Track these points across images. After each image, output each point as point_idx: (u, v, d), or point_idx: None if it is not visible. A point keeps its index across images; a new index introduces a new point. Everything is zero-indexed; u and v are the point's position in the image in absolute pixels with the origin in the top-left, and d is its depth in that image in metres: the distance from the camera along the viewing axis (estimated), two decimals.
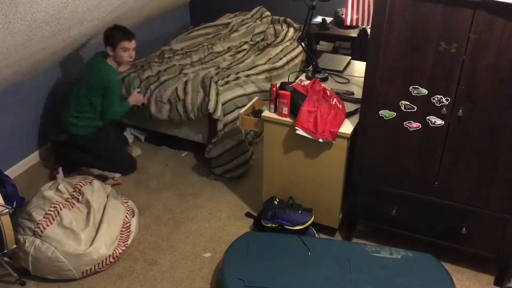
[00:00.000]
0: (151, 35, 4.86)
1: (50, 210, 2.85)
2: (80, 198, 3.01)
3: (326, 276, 2.60)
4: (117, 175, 3.71)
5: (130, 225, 3.06)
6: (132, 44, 3.48)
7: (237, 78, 3.88)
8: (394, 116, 2.58)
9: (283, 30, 4.79)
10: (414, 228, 2.85)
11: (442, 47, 2.32)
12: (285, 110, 2.88)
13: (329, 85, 3.16)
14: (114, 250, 2.89)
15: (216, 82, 3.68)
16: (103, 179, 3.57)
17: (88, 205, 2.97)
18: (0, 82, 3.22)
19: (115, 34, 3.42)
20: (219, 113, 3.54)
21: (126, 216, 3.06)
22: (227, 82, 3.79)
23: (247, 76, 3.95)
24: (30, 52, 2.99)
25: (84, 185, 3.07)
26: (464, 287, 2.80)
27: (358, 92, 3.03)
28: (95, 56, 3.58)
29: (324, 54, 3.93)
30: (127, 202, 3.24)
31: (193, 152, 4.00)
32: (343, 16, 4.12)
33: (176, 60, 4.25)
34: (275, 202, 3.03)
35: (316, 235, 3.04)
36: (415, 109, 2.52)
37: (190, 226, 3.27)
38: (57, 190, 3.01)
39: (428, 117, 2.51)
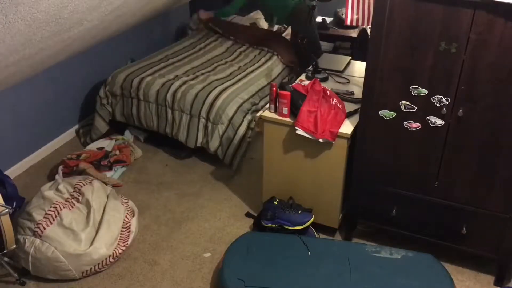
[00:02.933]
0: (151, 35, 4.86)
1: (50, 210, 2.85)
2: (80, 198, 3.01)
3: (326, 276, 2.60)
4: (114, 178, 3.71)
5: (130, 225, 3.06)
6: None
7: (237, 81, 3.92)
8: (394, 116, 2.58)
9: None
10: (414, 228, 2.85)
11: (442, 47, 2.32)
12: (285, 110, 2.88)
13: (329, 85, 3.16)
14: (114, 250, 2.89)
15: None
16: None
17: (88, 205, 2.97)
18: (0, 82, 3.22)
19: None
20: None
21: (126, 216, 3.06)
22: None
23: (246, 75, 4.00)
24: (30, 52, 2.99)
25: (84, 185, 3.07)
26: (464, 287, 2.80)
27: (358, 92, 3.03)
28: None
29: (324, 54, 3.93)
30: (127, 202, 3.24)
31: (191, 155, 3.99)
32: (343, 16, 4.12)
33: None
34: (275, 202, 3.03)
35: (316, 235, 3.04)
36: (415, 109, 2.52)
37: (190, 226, 3.27)
38: (57, 190, 3.01)
39: (428, 117, 2.51)
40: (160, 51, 4.51)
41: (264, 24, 5.14)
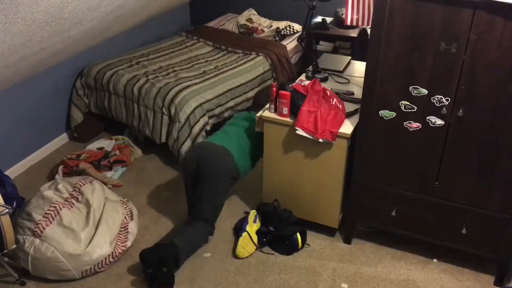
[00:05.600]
0: (151, 36, 4.86)
1: (50, 210, 2.85)
2: (79, 197, 3.01)
3: None
4: (114, 178, 3.71)
5: (129, 225, 3.06)
6: None
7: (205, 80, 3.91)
8: (394, 116, 2.58)
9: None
10: (414, 228, 2.85)
11: (442, 47, 2.32)
12: (285, 110, 2.88)
13: (329, 85, 3.16)
14: (114, 250, 2.88)
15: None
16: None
17: (87, 204, 2.97)
18: (0, 82, 3.22)
19: None
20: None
21: (125, 217, 3.06)
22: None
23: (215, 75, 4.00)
24: (30, 52, 2.99)
25: (84, 184, 3.07)
26: (464, 287, 2.80)
27: (358, 92, 3.03)
28: None
29: (324, 54, 3.93)
30: (127, 202, 3.24)
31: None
32: (343, 16, 4.12)
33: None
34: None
35: (306, 245, 3.04)
36: (415, 109, 2.52)
37: None
38: (57, 189, 3.01)
39: (428, 117, 2.51)
40: (146, 46, 4.51)
41: (257, 20, 5.09)
